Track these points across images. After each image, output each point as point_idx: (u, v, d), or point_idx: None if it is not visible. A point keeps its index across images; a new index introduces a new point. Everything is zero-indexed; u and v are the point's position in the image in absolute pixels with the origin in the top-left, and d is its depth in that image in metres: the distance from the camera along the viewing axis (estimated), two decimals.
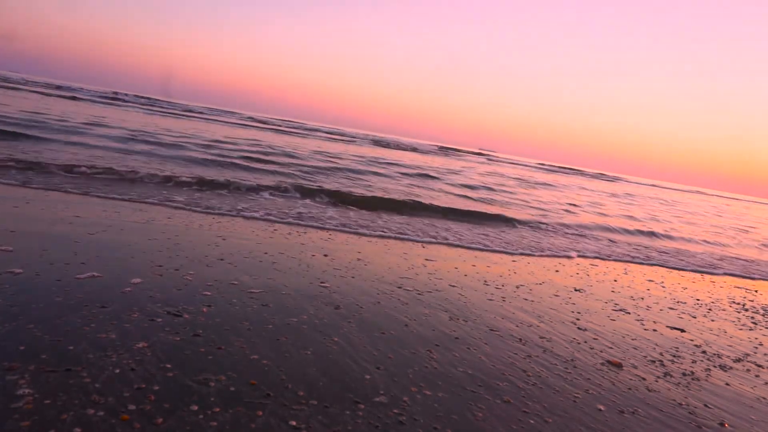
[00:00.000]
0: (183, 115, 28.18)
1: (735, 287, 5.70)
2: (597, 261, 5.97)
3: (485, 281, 4.04)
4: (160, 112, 27.87)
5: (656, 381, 2.57)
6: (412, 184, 11.23)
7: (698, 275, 6.14)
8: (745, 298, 5.18)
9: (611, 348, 2.95)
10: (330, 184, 8.79)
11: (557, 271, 4.97)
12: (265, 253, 3.79)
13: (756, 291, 5.66)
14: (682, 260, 7.02)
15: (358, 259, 4.05)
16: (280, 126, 36.36)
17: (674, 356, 3.00)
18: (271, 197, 6.70)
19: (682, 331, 3.57)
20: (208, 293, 2.74)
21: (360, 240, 4.92)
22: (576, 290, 4.24)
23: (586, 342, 2.98)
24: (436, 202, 8.35)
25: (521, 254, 5.59)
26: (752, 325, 4.07)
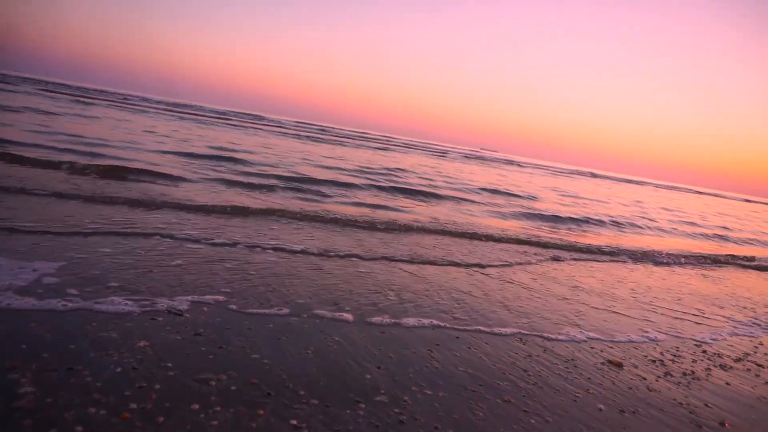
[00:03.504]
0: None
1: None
2: None
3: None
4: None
5: (657, 380, 2.57)
6: None
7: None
8: None
9: (612, 347, 2.95)
10: None
11: None
12: None
13: None
14: None
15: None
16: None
17: (675, 356, 3.00)
18: None
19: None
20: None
21: None
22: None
23: (586, 341, 2.98)
24: None
25: None
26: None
